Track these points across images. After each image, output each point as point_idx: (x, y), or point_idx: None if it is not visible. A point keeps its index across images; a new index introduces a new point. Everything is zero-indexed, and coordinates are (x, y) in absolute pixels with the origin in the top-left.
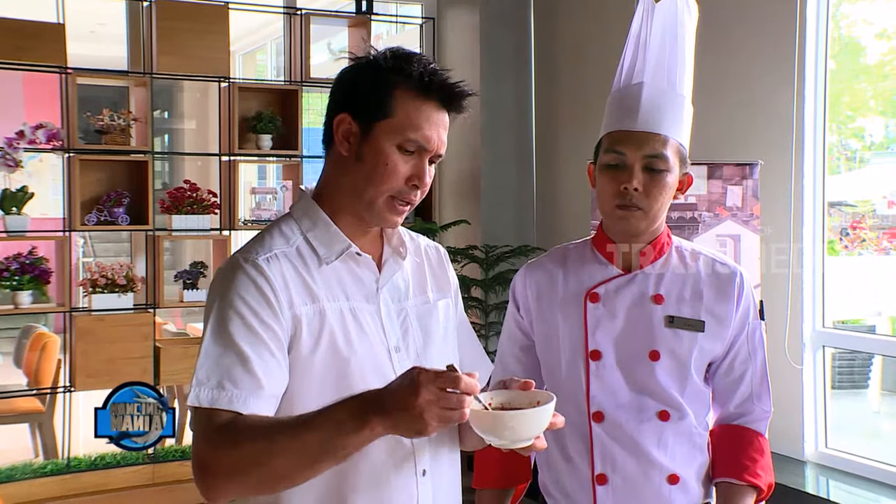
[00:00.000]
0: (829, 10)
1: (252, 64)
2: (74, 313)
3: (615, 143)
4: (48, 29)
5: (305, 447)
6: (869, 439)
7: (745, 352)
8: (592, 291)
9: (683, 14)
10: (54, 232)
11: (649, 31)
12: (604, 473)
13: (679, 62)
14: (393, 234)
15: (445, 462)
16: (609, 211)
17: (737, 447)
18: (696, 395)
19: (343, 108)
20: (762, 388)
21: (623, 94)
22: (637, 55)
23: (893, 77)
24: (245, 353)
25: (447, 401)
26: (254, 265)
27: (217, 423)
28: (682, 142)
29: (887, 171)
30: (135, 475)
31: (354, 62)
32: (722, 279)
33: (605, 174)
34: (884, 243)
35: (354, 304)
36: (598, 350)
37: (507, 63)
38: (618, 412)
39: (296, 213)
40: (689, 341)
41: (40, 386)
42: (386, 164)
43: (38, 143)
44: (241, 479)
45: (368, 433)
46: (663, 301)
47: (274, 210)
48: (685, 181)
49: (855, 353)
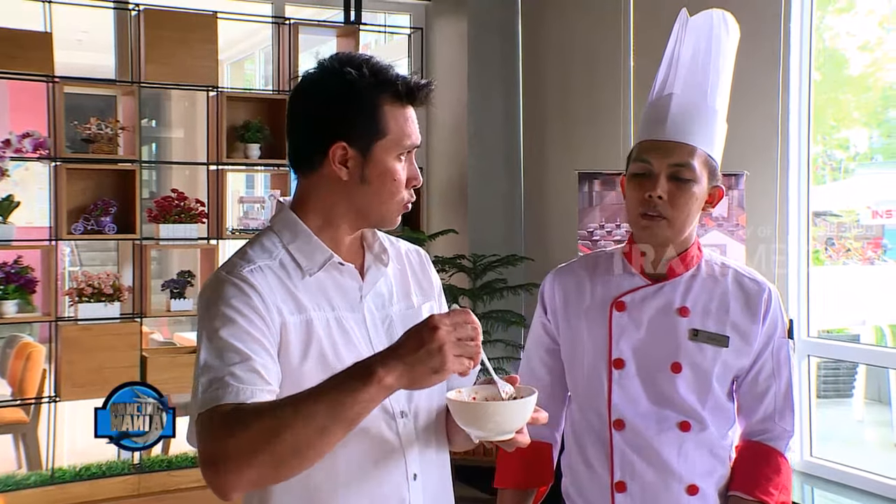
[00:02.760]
0: (812, 23)
1: (240, 73)
2: (60, 323)
3: (643, 152)
4: (35, 37)
5: (313, 416)
6: (853, 448)
7: (769, 368)
8: (619, 300)
9: (720, 29)
10: (40, 241)
11: (682, 45)
12: (623, 481)
13: (712, 76)
14: (374, 241)
15: (435, 465)
16: (634, 220)
17: (754, 463)
18: (718, 408)
19: (335, 136)
20: (786, 407)
21: (654, 106)
22: (670, 68)
23: (876, 89)
24: (244, 351)
25: (463, 330)
26: (239, 276)
27: (221, 414)
28: (713, 154)
29: (871, 182)
30: (121, 485)
31: (316, 82)
32: (750, 294)
33: (632, 183)
34: (868, 253)
35: (340, 313)
36: (622, 359)
37: (495, 72)
38: (638, 421)
39: (276, 227)
40: (712, 355)
41: (25, 396)
42: (394, 179)
43: (24, 152)
44: (252, 462)
45: (375, 387)
46: (689, 314)
47: (262, 219)
48: (715, 194)
49: (839, 362)
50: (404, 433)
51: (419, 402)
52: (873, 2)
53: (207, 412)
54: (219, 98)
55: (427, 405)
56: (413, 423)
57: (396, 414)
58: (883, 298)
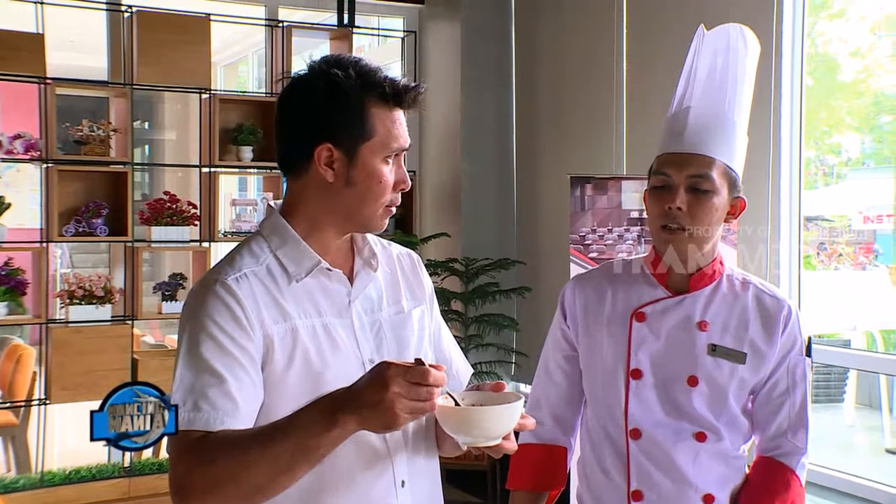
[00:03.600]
0: (804, 28)
1: (233, 75)
2: (51, 325)
3: (662, 165)
4: (27, 38)
5: (279, 455)
6: (844, 453)
7: (784, 385)
8: (640, 310)
9: (737, 43)
10: (31, 243)
11: (699, 59)
12: (640, 490)
13: (729, 88)
14: (364, 245)
15: (424, 472)
16: (655, 232)
17: (763, 478)
18: (732, 422)
19: (321, 138)
20: (799, 424)
21: (672, 119)
22: (688, 83)
23: (868, 94)
24: (219, 373)
25: (416, 393)
26: (223, 286)
27: (190, 441)
28: (733, 166)
29: (863, 187)
30: (110, 489)
31: (303, 83)
32: (769, 312)
33: (652, 196)
34: (860, 258)
35: (327, 319)
36: (640, 369)
37: (488, 76)
38: (655, 431)
39: (265, 231)
40: (729, 371)
41: (14, 399)
42: (380, 182)
43: (15, 154)
44: (219, 495)
45: (339, 431)
46: (708, 328)
47: (254, 222)
48: (737, 206)
49: (830, 367)
50: (391, 440)
51: None
52: (865, 8)
53: (179, 435)
54: (211, 100)
55: None
56: (401, 430)
57: None
58: (874, 304)
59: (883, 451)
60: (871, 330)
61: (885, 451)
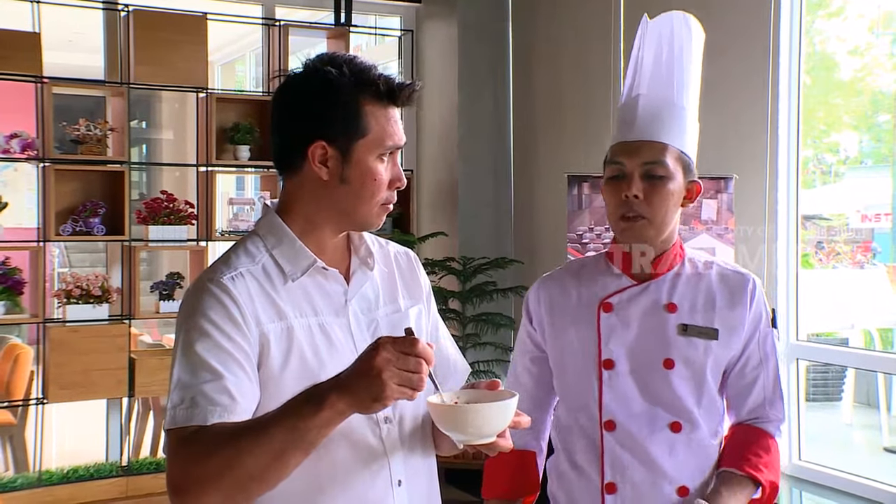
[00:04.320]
0: (802, 26)
1: (231, 74)
2: (48, 324)
3: (615, 154)
4: (24, 38)
5: (271, 441)
6: (842, 451)
7: (756, 358)
8: (606, 301)
9: (682, 30)
10: (28, 242)
11: (645, 47)
12: (613, 482)
13: (677, 75)
14: (360, 244)
15: (421, 471)
16: (615, 222)
17: (744, 442)
18: (711, 404)
19: (314, 135)
20: (775, 395)
21: (623, 109)
22: (636, 72)
23: (866, 93)
24: (216, 369)
25: (405, 362)
26: (218, 285)
27: (185, 436)
28: (686, 150)
29: (861, 186)
30: (108, 488)
31: (297, 81)
32: (734, 286)
33: (608, 187)
34: (858, 257)
35: (323, 318)
36: (612, 359)
37: (485, 75)
38: (630, 421)
39: (261, 231)
40: (703, 349)
41: (12, 398)
42: (375, 180)
43: (12, 153)
44: (213, 487)
45: (329, 412)
46: (676, 310)
47: (251, 221)
48: (693, 190)
49: (828, 366)
50: (388, 439)
51: (404, 408)
52: (863, 6)
53: (174, 431)
54: (208, 99)
55: (413, 411)
56: (398, 429)
57: (380, 419)
58: (872, 302)
59: (881, 449)
60: (868, 328)
61: (882, 450)
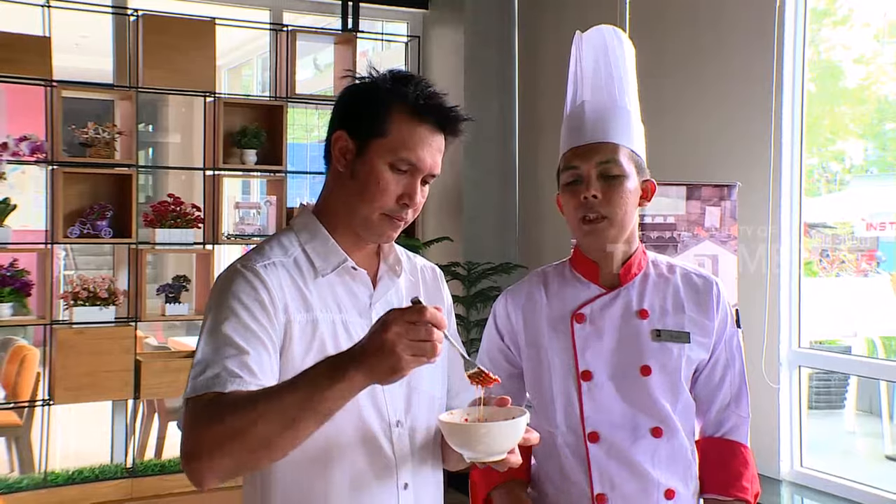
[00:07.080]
0: (806, 35)
1: (238, 79)
2: (55, 326)
3: (570, 160)
4: (34, 41)
5: (285, 408)
6: (844, 459)
7: (724, 358)
8: (578, 312)
9: (612, 41)
10: (36, 244)
11: (583, 58)
12: (603, 493)
13: (616, 79)
14: (389, 251)
15: (428, 478)
16: (576, 227)
17: (721, 462)
18: (686, 406)
19: (340, 125)
20: (741, 394)
21: (570, 117)
22: (577, 81)
23: (872, 101)
24: (241, 345)
25: (416, 332)
26: (252, 271)
27: (202, 404)
28: (635, 149)
29: (866, 194)
30: (113, 489)
31: (358, 81)
32: (700, 290)
33: (566, 193)
34: (862, 265)
35: (347, 317)
36: (589, 370)
37: (491, 82)
38: (613, 431)
39: (296, 226)
40: (677, 353)
41: (18, 399)
42: (378, 183)
43: (21, 156)
44: (226, 450)
45: (346, 384)
46: (648, 315)
47: (258, 225)
48: (648, 188)
49: (831, 373)
50: (398, 443)
51: (417, 417)
52: (869, 15)
53: (192, 400)
54: (216, 104)
55: (426, 422)
56: (409, 438)
57: (392, 423)
58: (875, 310)
59: (883, 457)
60: (871, 336)
61: (885, 458)
